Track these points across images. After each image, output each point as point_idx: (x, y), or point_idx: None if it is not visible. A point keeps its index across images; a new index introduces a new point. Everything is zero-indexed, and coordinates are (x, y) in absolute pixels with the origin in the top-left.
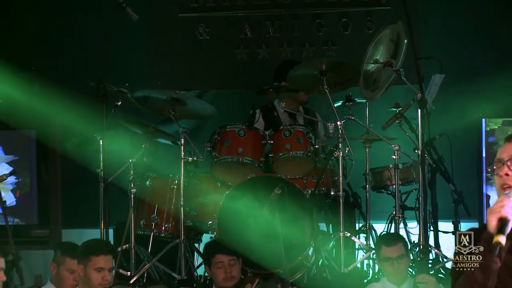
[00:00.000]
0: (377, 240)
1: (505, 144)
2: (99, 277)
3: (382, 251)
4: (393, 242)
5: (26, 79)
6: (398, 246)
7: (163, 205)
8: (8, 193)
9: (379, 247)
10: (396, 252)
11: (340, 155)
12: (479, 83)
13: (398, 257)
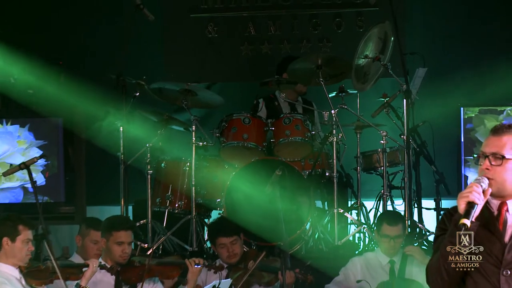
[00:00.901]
0: (380, 216)
1: (490, 136)
2: (120, 249)
3: (383, 228)
4: (394, 223)
5: (53, 72)
6: (398, 226)
7: (176, 184)
8: (39, 174)
9: (380, 224)
10: (395, 232)
11: (334, 140)
12: (458, 76)
13: (396, 236)
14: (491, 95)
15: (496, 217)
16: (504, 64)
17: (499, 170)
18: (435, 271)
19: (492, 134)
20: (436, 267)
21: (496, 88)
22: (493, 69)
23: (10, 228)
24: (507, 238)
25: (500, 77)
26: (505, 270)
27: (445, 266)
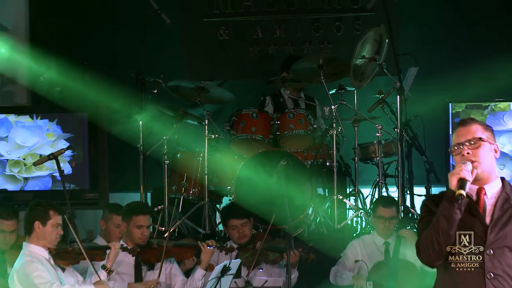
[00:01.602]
0: (376, 200)
1: (459, 128)
2: (139, 232)
3: (378, 210)
4: (388, 205)
5: (79, 71)
6: (392, 209)
7: (190, 173)
8: (66, 164)
9: (376, 206)
10: (389, 213)
11: (334, 133)
12: (446, 75)
13: (390, 217)
14: (476, 92)
15: (476, 201)
16: (488, 64)
17: (479, 152)
18: (427, 243)
19: (462, 126)
20: (427, 239)
21: (481, 86)
22: (479, 69)
23: (41, 213)
24: (488, 220)
25: (485, 76)
26: (489, 249)
27: (436, 238)
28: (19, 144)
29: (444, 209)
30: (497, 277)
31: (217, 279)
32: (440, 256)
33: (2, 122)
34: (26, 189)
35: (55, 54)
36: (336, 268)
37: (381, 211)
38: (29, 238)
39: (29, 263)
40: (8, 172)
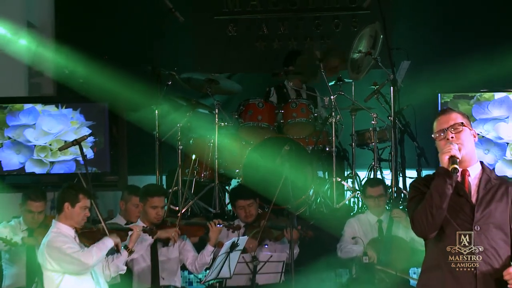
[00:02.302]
0: (364, 182)
1: (440, 117)
2: (154, 212)
3: (367, 191)
4: (375, 184)
5: (100, 64)
6: (379, 187)
7: (202, 158)
8: (88, 149)
9: (365, 188)
10: (377, 192)
11: (333, 121)
12: (436, 68)
13: (379, 195)
14: (463, 83)
15: (461, 182)
16: (474, 58)
17: (461, 136)
18: (421, 216)
19: (443, 115)
20: (422, 213)
21: (468, 78)
22: (466, 62)
23: (72, 195)
24: (474, 199)
25: (471, 69)
26: (476, 225)
27: (430, 211)
28: (45, 131)
29: (437, 185)
30: (485, 250)
31: (226, 254)
32: (434, 228)
33: (30, 111)
34: (52, 172)
35: (79, 49)
36: (341, 244)
37: (369, 191)
38: (58, 217)
39: (57, 236)
40: (35, 156)
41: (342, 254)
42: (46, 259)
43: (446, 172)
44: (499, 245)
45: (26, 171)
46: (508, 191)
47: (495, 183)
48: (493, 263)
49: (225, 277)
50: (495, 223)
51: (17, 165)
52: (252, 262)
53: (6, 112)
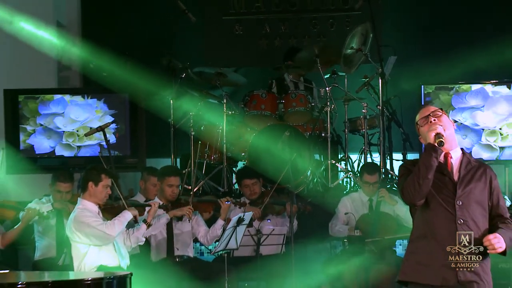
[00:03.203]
0: (362, 167)
1: (422, 109)
2: (170, 190)
3: (364, 177)
4: (373, 172)
5: (121, 59)
6: (375, 175)
7: (212, 142)
8: (111, 135)
9: (362, 173)
10: (373, 179)
11: (328, 110)
12: (420, 62)
13: (374, 182)
14: (444, 76)
15: (444, 163)
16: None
17: (442, 119)
18: (410, 186)
19: (424, 107)
20: (410, 183)
21: (448, 71)
22: (446, 58)
23: (95, 175)
24: (456, 178)
25: (451, 63)
26: (458, 200)
27: (417, 181)
28: (73, 119)
29: (424, 158)
30: (466, 222)
31: (233, 228)
32: (420, 196)
33: (59, 101)
34: (79, 155)
35: (102, 45)
36: (332, 222)
37: (366, 178)
38: (83, 195)
39: (83, 212)
40: (64, 141)
41: (332, 232)
42: (73, 232)
43: (432, 147)
44: (478, 218)
45: (56, 154)
46: (486, 173)
47: (475, 164)
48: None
49: (232, 249)
50: (475, 199)
51: (48, 149)
52: (256, 235)
53: (38, 102)
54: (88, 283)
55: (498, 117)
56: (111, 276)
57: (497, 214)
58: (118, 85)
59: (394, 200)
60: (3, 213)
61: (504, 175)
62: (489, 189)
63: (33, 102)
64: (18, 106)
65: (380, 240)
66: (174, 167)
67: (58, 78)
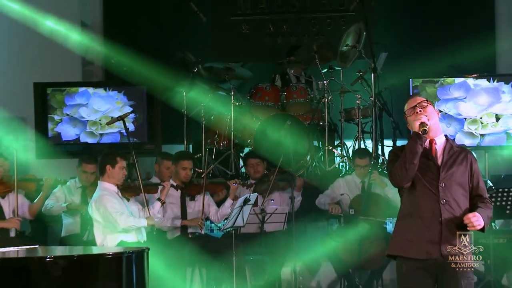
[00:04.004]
0: (354, 152)
1: (410, 100)
2: (184, 173)
3: (356, 160)
4: (363, 156)
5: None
6: (366, 159)
7: (221, 130)
8: (130, 123)
9: (354, 157)
10: (364, 163)
11: (326, 101)
12: (408, 58)
13: (365, 165)
14: (430, 71)
15: (429, 149)
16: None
17: (428, 110)
18: (397, 170)
19: (411, 98)
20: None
21: (434, 66)
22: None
23: (111, 159)
24: (439, 162)
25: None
26: (442, 183)
27: (404, 166)
28: (96, 109)
29: (410, 145)
30: (448, 202)
31: (240, 208)
32: (407, 179)
33: (83, 93)
34: (101, 142)
35: (123, 43)
36: (320, 195)
37: (357, 161)
38: (102, 177)
39: (104, 196)
40: (88, 129)
41: (317, 202)
42: (93, 210)
43: (418, 135)
44: (459, 199)
45: (80, 141)
46: (467, 157)
47: (457, 150)
48: (455, 212)
49: (239, 226)
50: (456, 181)
51: (73, 136)
52: (260, 214)
53: (65, 94)
54: (110, 257)
55: (479, 107)
56: (130, 250)
57: (477, 195)
58: (137, 78)
59: (384, 182)
60: (26, 185)
61: (484, 160)
62: (469, 172)
63: (60, 94)
64: (47, 98)
65: (372, 219)
66: (187, 152)
67: (82, 72)
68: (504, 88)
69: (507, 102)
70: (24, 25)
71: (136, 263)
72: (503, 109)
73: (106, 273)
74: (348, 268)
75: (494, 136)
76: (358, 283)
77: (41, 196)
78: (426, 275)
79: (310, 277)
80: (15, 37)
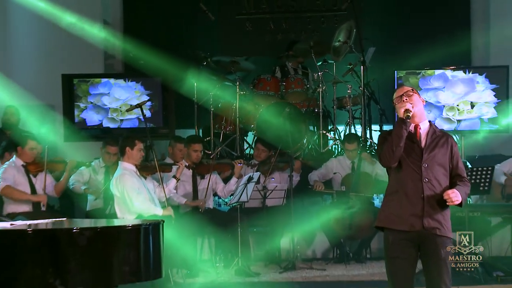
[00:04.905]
0: (344, 137)
1: (398, 89)
2: (195, 155)
3: (345, 145)
4: (352, 141)
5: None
6: (354, 144)
7: (228, 116)
8: (147, 110)
9: (344, 142)
10: (352, 147)
11: (320, 90)
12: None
13: (353, 149)
14: (413, 63)
15: (414, 133)
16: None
17: (413, 99)
18: (385, 152)
19: (399, 87)
20: (386, 150)
21: (416, 59)
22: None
23: (130, 141)
24: (423, 145)
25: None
26: (424, 163)
27: (391, 148)
28: (116, 98)
29: (396, 129)
30: (430, 180)
31: (245, 185)
32: (394, 160)
33: (105, 84)
34: (122, 126)
35: (140, 39)
36: (312, 172)
37: (347, 146)
38: (122, 158)
39: (124, 174)
40: (110, 116)
41: (309, 179)
42: (114, 187)
43: (402, 120)
44: (440, 178)
45: (103, 126)
46: (448, 141)
47: (439, 134)
48: (436, 190)
49: (244, 201)
50: (438, 162)
51: (96, 122)
52: (262, 190)
53: (89, 84)
54: (129, 228)
55: (456, 96)
56: (148, 223)
57: (456, 174)
58: (153, 70)
59: (373, 160)
60: (55, 166)
61: (460, 142)
62: (450, 154)
63: (85, 84)
64: (73, 88)
65: (361, 195)
66: (197, 136)
67: (104, 65)
68: (478, 79)
69: (481, 91)
70: (52, 23)
71: (152, 234)
72: (478, 97)
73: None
74: (340, 238)
75: (469, 122)
76: (348, 251)
77: (65, 176)
78: (410, 245)
79: (306, 246)
80: (44, 34)
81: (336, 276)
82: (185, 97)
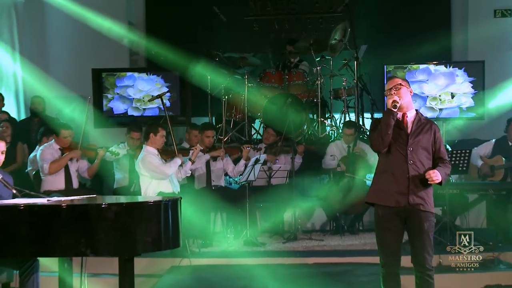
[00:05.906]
0: (343, 123)
1: (388, 81)
2: (208, 140)
3: (344, 130)
4: (349, 127)
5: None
6: (351, 129)
7: (238, 105)
8: (167, 100)
9: (343, 128)
10: (350, 132)
11: (319, 83)
12: (383, 49)
13: (350, 134)
14: (400, 59)
15: (401, 121)
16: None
17: (401, 92)
18: (375, 139)
19: (390, 80)
20: (376, 136)
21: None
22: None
23: (154, 128)
24: (409, 131)
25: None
26: (410, 147)
27: (381, 135)
28: (140, 89)
29: (384, 118)
30: (414, 162)
31: (252, 166)
32: (384, 146)
33: (130, 77)
34: (144, 115)
35: (161, 38)
36: (324, 160)
37: (345, 131)
38: (146, 142)
39: (147, 155)
40: (134, 105)
41: (324, 166)
42: (140, 168)
43: (390, 110)
44: (424, 160)
45: (128, 114)
46: (432, 127)
47: (424, 122)
48: (420, 170)
49: (251, 180)
50: (422, 146)
51: (122, 110)
52: (268, 171)
53: (116, 77)
54: (151, 204)
55: (438, 87)
56: (167, 199)
57: (438, 157)
58: (172, 65)
59: (365, 152)
60: (88, 152)
61: (442, 128)
62: (433, 139)
63: (112, 78)
64: (102, 81)
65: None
66: (210, 123)
67: (129, 60)
68: (458, 72)
69: (460, 84)
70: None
71: (171, 209)
72: (457, 89)
73: (148, 217)
74: (336, 213)
75: (450, 110)
76: (343, 224)
77: (96, 162)
78: (397, 218)
79: (306, 220)
80: (76, 33)
81: (333, 246)
82: (199, 88)
